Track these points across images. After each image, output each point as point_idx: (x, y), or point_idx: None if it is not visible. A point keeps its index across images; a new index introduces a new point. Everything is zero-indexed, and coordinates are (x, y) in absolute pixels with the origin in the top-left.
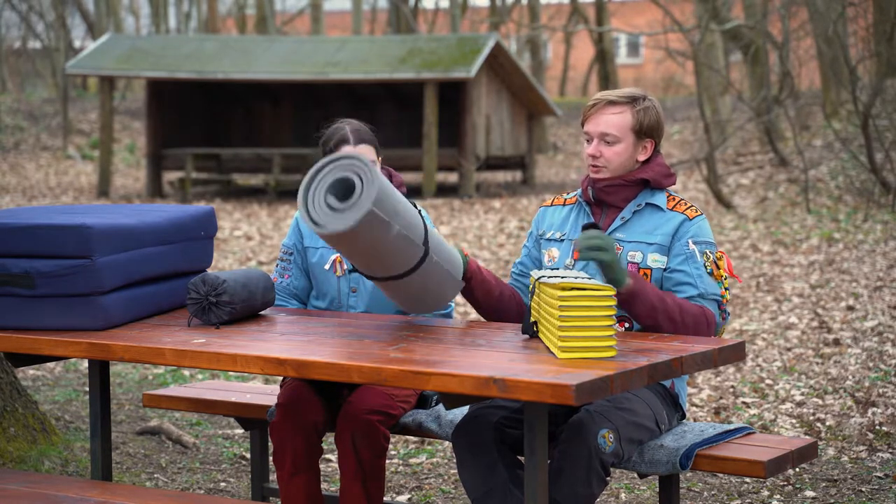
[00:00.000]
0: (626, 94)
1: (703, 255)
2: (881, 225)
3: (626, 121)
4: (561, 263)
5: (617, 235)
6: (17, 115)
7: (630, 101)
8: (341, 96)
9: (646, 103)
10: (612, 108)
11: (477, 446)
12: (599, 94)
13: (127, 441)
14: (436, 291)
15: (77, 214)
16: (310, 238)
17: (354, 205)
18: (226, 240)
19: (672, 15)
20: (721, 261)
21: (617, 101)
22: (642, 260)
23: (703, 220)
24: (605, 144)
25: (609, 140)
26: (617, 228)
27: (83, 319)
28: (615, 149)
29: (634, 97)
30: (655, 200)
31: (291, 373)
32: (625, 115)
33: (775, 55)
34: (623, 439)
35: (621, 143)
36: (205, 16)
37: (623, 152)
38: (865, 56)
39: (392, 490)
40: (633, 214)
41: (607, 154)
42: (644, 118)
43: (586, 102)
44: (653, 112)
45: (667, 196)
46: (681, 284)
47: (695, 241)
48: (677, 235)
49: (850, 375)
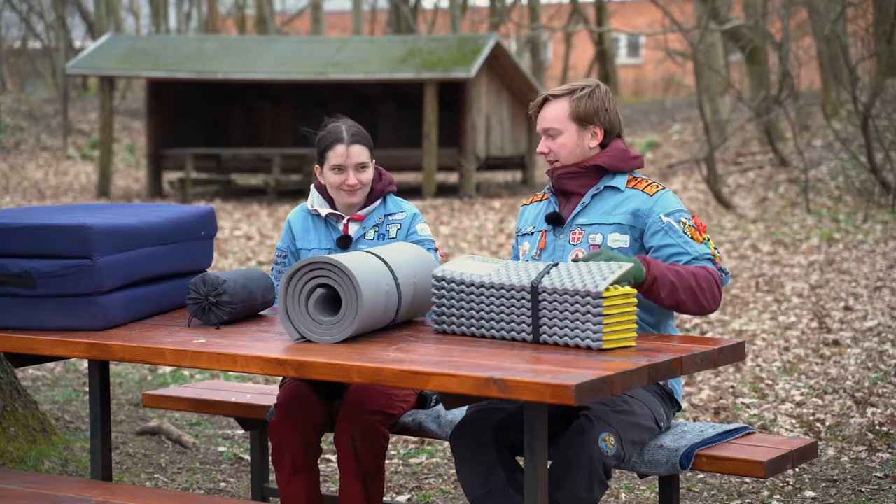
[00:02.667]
0: (566, 87)
1: (679, 224)
2: (881, 225)
3: (563, 111)
4: (529, 255)
5: (578, 221)
6: (17, 115)
7: (569, 92)
8: (341, 96)
9: (584, 91)
10: (551, 102)
11: (475, 448)
12: (543, 91)
13: (127, 441)
14: (420, 305)
15: (77, 214)
16: (302, 240)
17: (343, 320)
18: (226, 240)
19: (671, 15)
20: (696, 223)
21: (556, 95)
22: (602, 241)
23: (665, 193)
24: (549, 139)
25: (552, 133)
26: (578, 214)
27: (83, 319)
28: (559, 141)
29: (574, 88)
30: (615, 183)
31: (291, 373)
32: (561, 105)
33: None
34: (624, 441)
35: (563, 133)
36: (205, 16)
37: (568, 142)
38: (865, 56)
39: (392, 490)
40: (591, 199)
41: (553, 147)
42: (581, 105)
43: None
44: (595, 98)
45: (629, 177)
46: (672, 256)
47: (666, 214)
48: (642, 214)
49: (850, 375)
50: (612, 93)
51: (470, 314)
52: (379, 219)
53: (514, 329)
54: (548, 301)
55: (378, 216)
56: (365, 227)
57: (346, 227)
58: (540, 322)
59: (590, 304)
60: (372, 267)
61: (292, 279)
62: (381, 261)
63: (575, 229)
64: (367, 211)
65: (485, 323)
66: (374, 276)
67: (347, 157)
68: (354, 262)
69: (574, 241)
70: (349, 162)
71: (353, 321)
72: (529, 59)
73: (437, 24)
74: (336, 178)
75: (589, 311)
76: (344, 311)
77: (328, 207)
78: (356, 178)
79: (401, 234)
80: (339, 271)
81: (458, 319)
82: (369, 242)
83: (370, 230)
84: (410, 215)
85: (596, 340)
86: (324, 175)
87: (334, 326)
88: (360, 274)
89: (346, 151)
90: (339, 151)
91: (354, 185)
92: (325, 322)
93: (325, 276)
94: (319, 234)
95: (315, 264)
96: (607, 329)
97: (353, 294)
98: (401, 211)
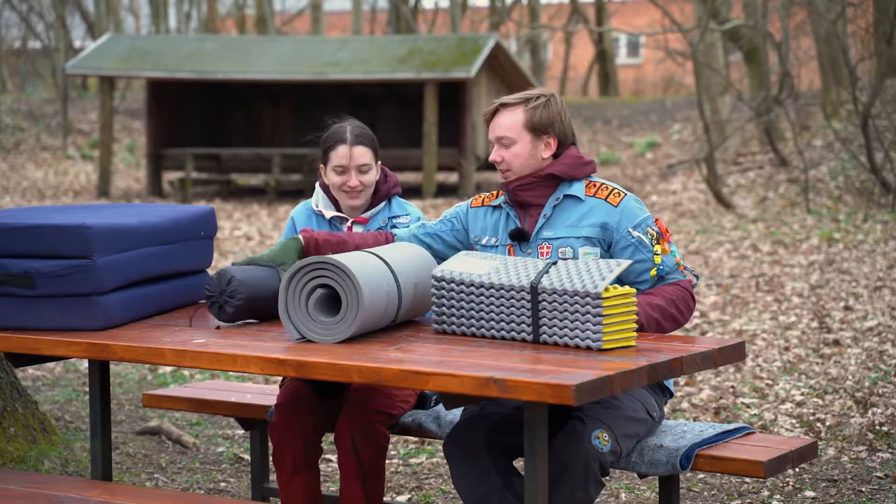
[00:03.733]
0: (520, 95)
1: (647, 236)
2: (881, 225)
3: (517, 120)
4: None
5: (543, 234)
6: (17, 115)
7: (523, 101)
8: (341, 96)
9: (540, 101)
10: (505, 110)
11: (469, 454)
12: (495, 101)
13: (127, 441)
14: (421, 305)
15: (77, 214)
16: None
17: (344, 320)
18: (226, 240)
19: (671, 15)
20: (660, 229)
21: (509, 104)
22: (573, 255)
23: (628, 201)
24: (503, 148)
25: (505, 143)
26: (542, 227)
27: (83, 319)
28: (513, 150)
29: (528, 97)
30: (573, 191)
31: (291, 373)
32: (516, 114)
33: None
34: (619, 436)
35: (517, 143)
36: (205, 16)
37: (522, 152)
38: (865, 56)
39: (392, 490)
40: (553, 210)
41: (507, 157)
42: (536, 115)
43: (586, 102)
44: (550, 108)
45: (585, 184)
46: (642, 273)
47: (634, 227)
48: (610, 228)
49: (850, 375)
50: (565, 103)
51: (470, 314)
52: (383, 221)
53: (514, 329)
54: (547, 301)
55: (382, 218)
56: (369, 230)
57: (349, 228)
58: (540, 322)
59: (589, 304)
60: (372, 267)
61: (293, 279)
62: (381, 261)
63: (542, 243)
64: (371, 213)
65: (485, 323)
66: (375, 277)
67: (350, 158)
68: (355, 263)
69: (543, 256)
70: (351, 163)
71: (354, 321)
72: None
73: (437, 24)
74: (338, 179)
75: (589, 312)
76: (344, 311)
77: (333, 210)
78: (358, 180)
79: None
80: (339, 271)
81: (458, 319)
82: None
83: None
84: (415, 219)
85: (596, 341)
86: (327, 175)
87: (335, 326)
88: (361, 274)
89: (348, 153)
90: (342, 152)
91: (356, 186)
92: (326, 322)
93: (326, 277)
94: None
95: (316, 264)
96: (607, 329)
97: (353, 294)
98: (405, 214)
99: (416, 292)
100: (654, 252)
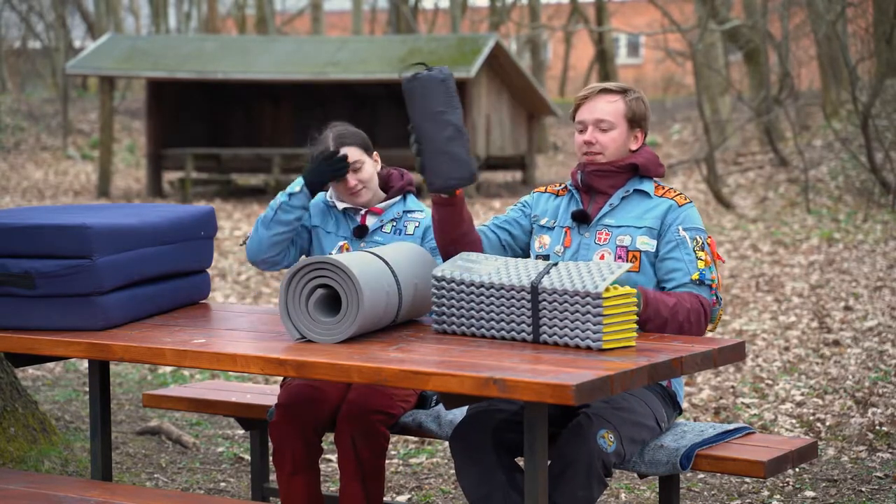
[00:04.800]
0: (618, 85)
1: (693, 241)
2: (881, 225)
3: (619, 108)
4: (551, 250)
5: (605, 221)
6: (17, 115)
7: (622, 91)
8: (341, 96)
9: (636, 95)
10: (606, 96)
11: (474, 450)
12: (591, 85)
13: (127, 441)
14: (421, 305)
15: (77, 214)
16: (319, 219)
17: (344, 320)
18: (226, 240)
19: (670, 16)
20: (710, 246)
21: (610, 90)
22: (631, 243)
23: (691, 208)
24: (600, 131)
25: (604, 127)
26: (606, 214)
27: (83, 319)
28: (611, 135)
29: (626, 88)
30: (643, 187)
31: (291, 373)
32: (618, 103)
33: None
34: (624, 439)
35: (616, 129)
36: (205, 16)
37: (618, 138)
38: (865, 56)
39: (392, 490)
40: (621, 201)
41: (603, 140)
42: (636, 107)
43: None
44: (643, 103)
45: (655, 185)
46: (672, 272)
47: (685, 228)
48: (666, 221)
49: (850, 375)
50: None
51: (470, 314)
52: (398, 214)
53: (514, 329)
54: (548, 301)
55: (397, 211)
56: (382, 220)
57: (363, 217)
58: (540, 322)
59: (590, 304)
60: (373, 267)
61: (293, 279)
62: (382, 261)
63: (601, 229)
64: (386, 204)
65: (485, 323)
66: (375, 277)
67: None
68: (355, 263)
69: (600, 242)
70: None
71: (354, 321)
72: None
73: (437, 24)
74: (338, 186)
75: (589, 312)
76: (344, 311)
77: (345, 202)
78: (355, 179)
79: (418, 231)
80: (339, 272)
81: (458, 319)
82: (385, 235)
83: (388, 223)
84: (429, 216)
85: (596, 341)
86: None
87: (335, 326)
88: (361, 274)
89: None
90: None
91: (354, 185)
92: (326, 322)
93: (326, 277)
94: (338, 222)
95: (316, 264)
96: (607, 329)
97: (353, 294)
98: (420, 210)
99: (416, 292)
100: (692, 258)
